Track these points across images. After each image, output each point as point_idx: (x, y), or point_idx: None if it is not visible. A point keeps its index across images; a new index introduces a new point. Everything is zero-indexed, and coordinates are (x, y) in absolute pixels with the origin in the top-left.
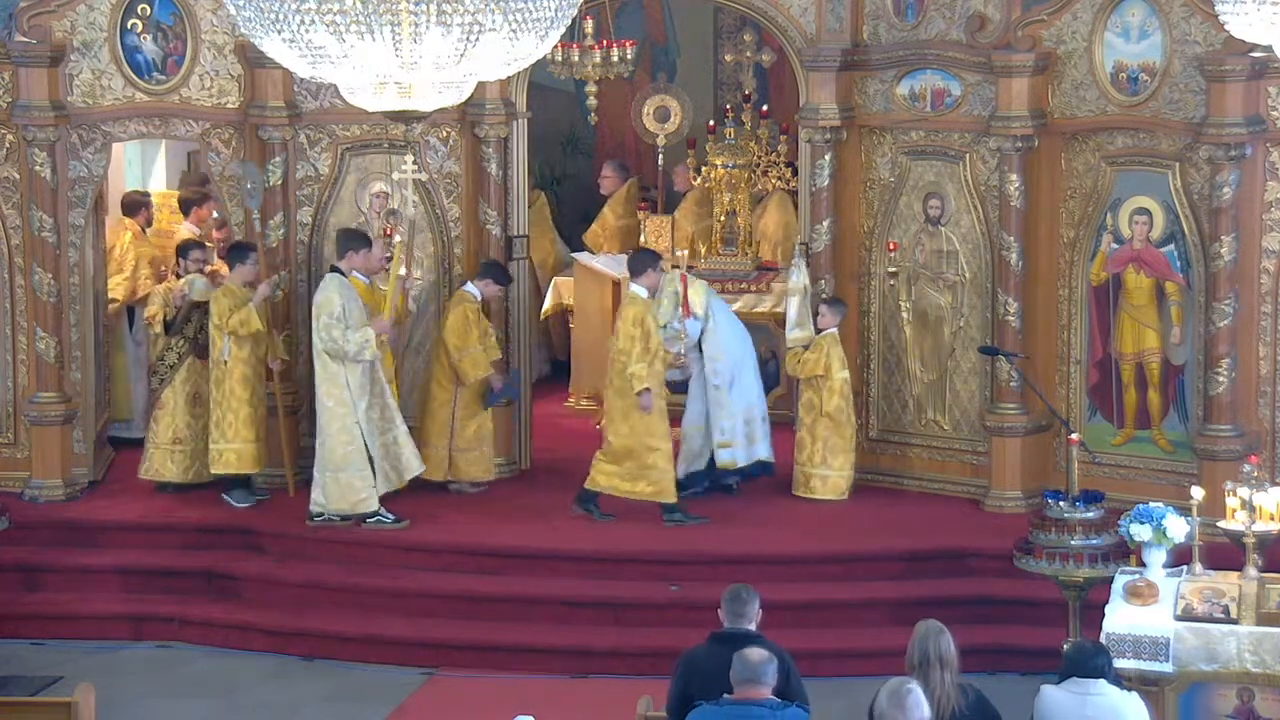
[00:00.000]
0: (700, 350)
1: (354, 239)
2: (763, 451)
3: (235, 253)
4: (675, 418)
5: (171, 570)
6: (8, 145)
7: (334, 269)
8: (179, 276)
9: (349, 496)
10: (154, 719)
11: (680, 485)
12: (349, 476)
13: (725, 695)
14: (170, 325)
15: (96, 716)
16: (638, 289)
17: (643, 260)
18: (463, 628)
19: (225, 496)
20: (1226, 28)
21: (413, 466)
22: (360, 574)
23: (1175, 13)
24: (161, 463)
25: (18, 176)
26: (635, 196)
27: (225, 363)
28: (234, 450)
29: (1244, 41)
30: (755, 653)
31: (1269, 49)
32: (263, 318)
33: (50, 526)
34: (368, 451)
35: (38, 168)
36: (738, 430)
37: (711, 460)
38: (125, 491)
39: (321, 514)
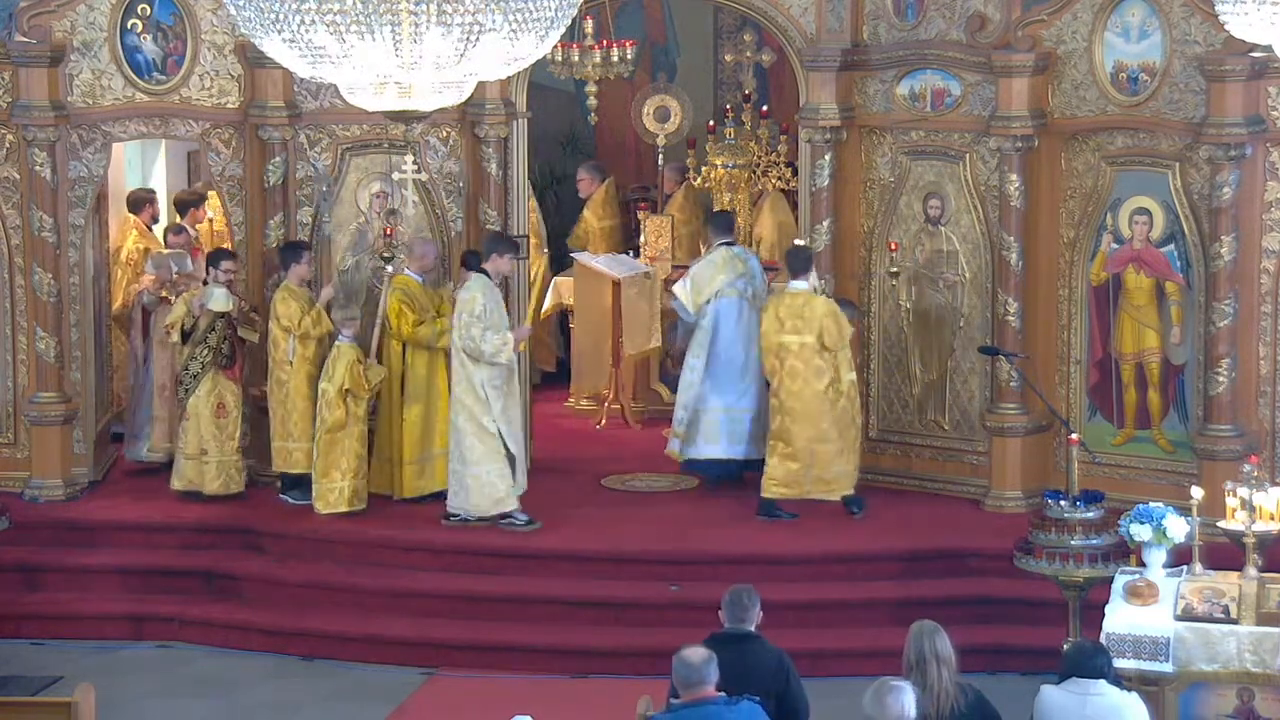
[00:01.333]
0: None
1: (500, 243)
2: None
3: (289, 251)
4: None
5: (171, 570)
6: (8, 145)
7: (480, 270)
8: (206, 284)
9: (490, 494)
10: (154, 719)
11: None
12: (490, 475)
13: (673, 700)
14: (187, 334)
15: (96, 716)
16: (800, 284)
17: (804, 258)
18: (463, 628)
19: (283, 496)
20: (1226, 28)
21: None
22: (360, 574)
23: (1175, 13)
24: (195, 474)
25: (18, 176)
26: (614, 197)
27: (290, 363)
28: (302, 449)
29: (1244, 41)
30: (695, 653)
31: (1269, 49)
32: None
33: (50, 526)
34: (507, 451)
35: (38, 168)
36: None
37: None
38: (125, 491)
39: (458, 514)
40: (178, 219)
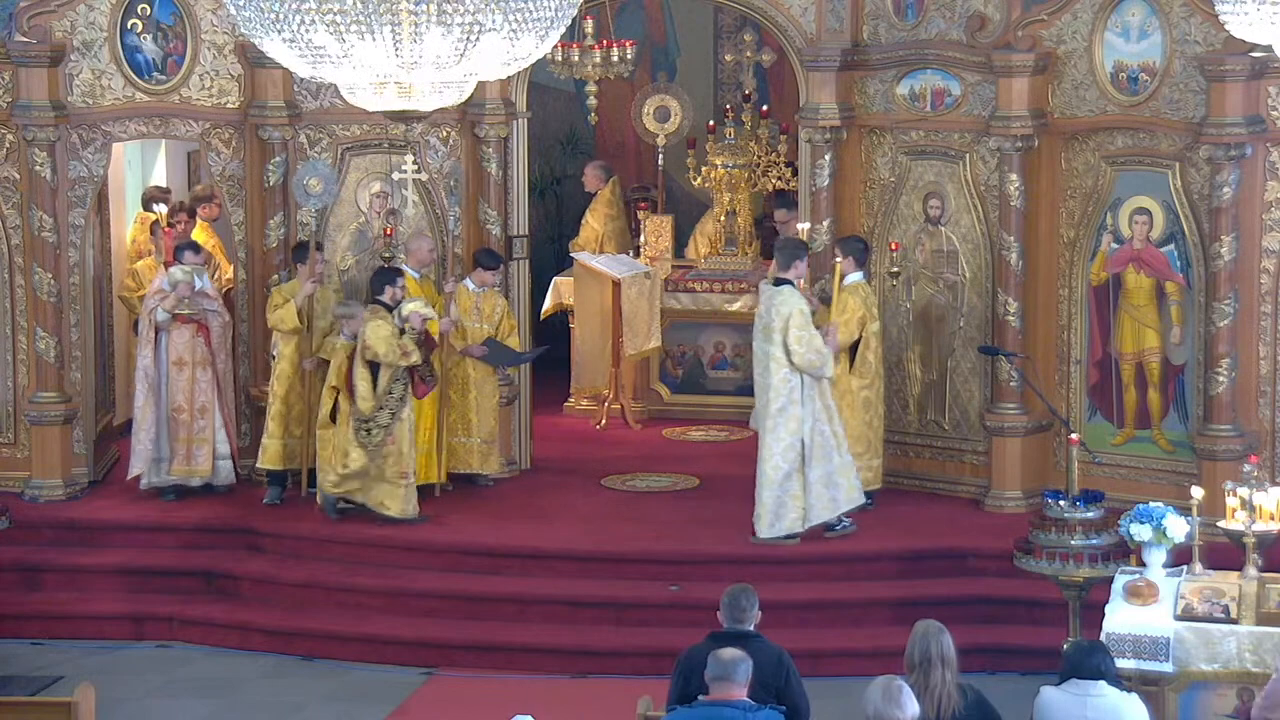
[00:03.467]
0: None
1: (798, 249)
2: None
3: (297, 254)
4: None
5: (171, 570)
6: (8, 145)
7: (779, 281)
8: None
9: (785, 516)
10: (154, 719)
11: None
12: (784, 495)
13: (700, 697)
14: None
15: (96, 716)
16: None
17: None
18: (463, 628)
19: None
20: (1226, 28)
21: (853, 498)
22: (360, 574)
23: (1175, 13)
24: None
25: (18, 176)
26: (620, 197)
27: (273, 358)
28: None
29: (1244, 41)
30: (728, 651)
31: (1269, 49)
32: (301, 316)
33: (50, 526)
34: (804, 473)
35: (38, 168)
36: None
37: None
38: (125, 491)
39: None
40: (155, 218)
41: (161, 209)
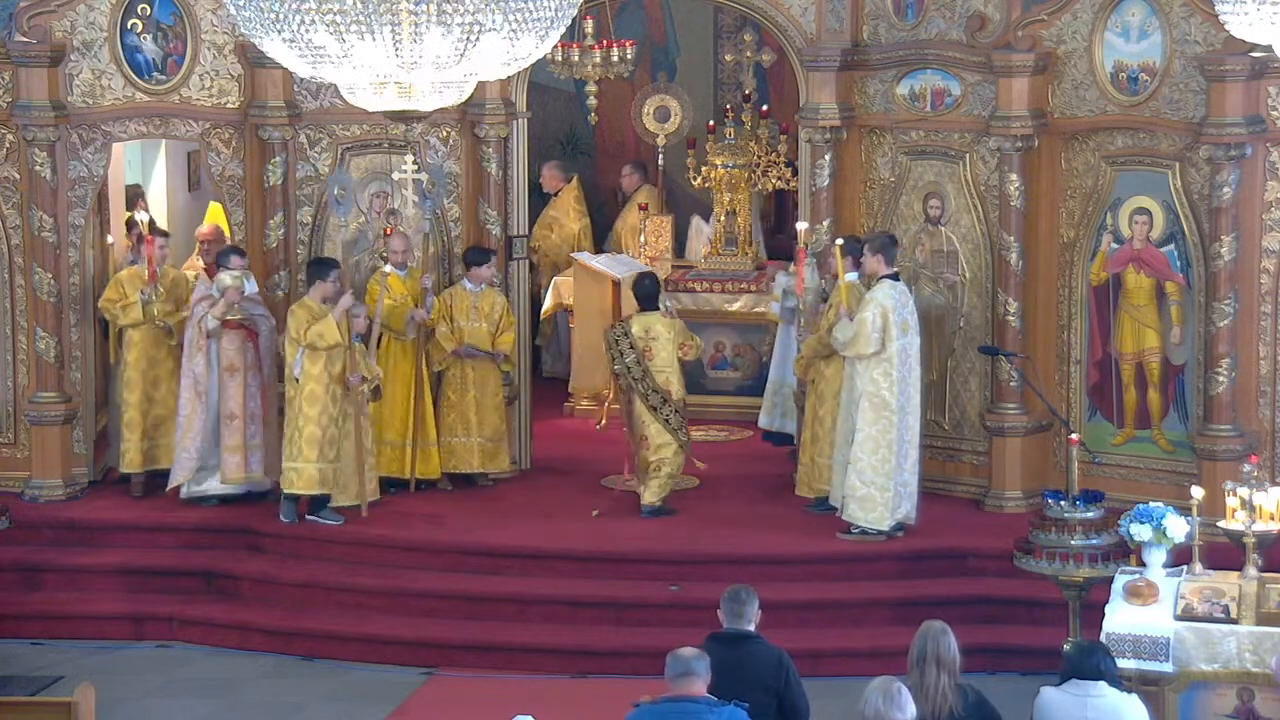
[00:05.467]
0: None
1: (889, 245)
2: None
3: (316, 268)
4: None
5: (171, 570)
6: (8, 145)
7: (893, 276)
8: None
9: (868, 510)
10: (154, 719)
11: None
12: (868, 490)
13: (663, 695)
14: None
15: (96, 716)
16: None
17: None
18: (463, 628)
19: (311, 517)
20: (1226, 28)
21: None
22: (360, 574)
23: (1175, 13)
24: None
25: (18, 176)
26: (583, 196)
27: (297, 379)
28: (295, 469)
29: (1244, 41)
30: (686, 650)
31: (1269, 49)
32: (342, 331)
33: (50, 526)
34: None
35: (38, 168)
36: None
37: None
38: (125, 492)
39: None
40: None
41: (144, 217)
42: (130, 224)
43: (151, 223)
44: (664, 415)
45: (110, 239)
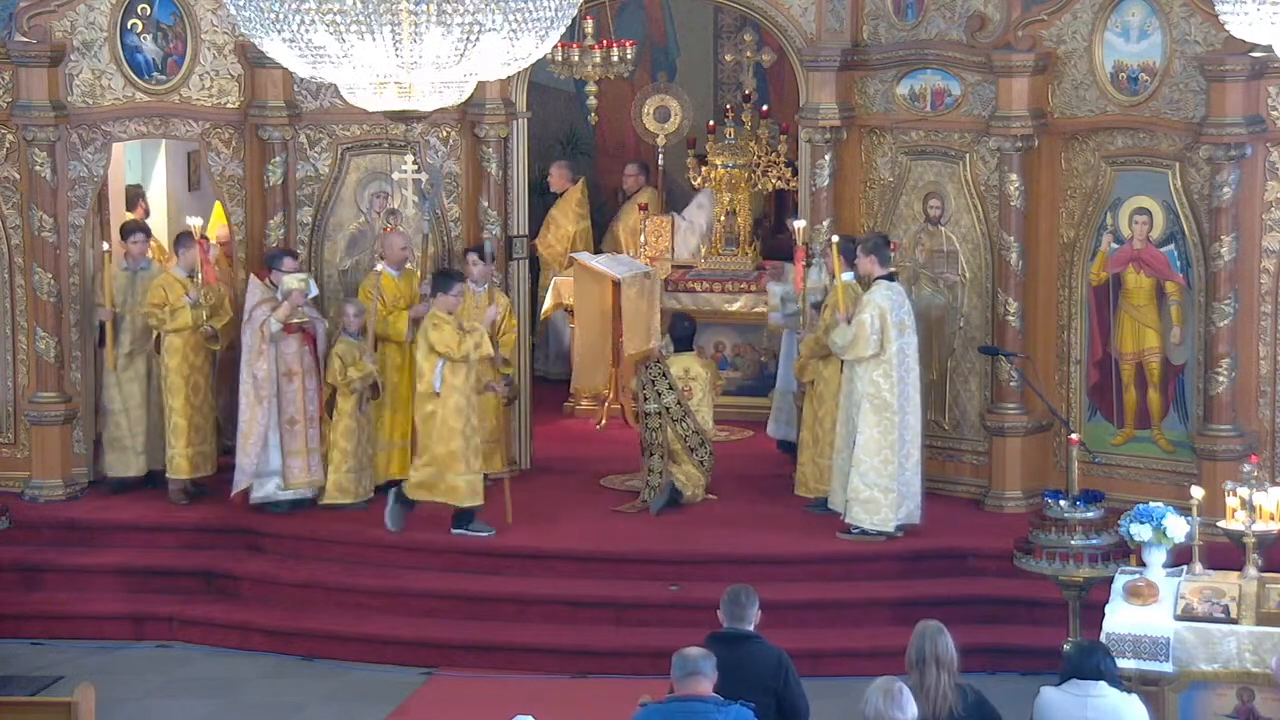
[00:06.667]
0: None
1: (881, 245)
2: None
3: (442, 281)
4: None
5: (171, 570)
6: (8, 145)
7: (888, 276)
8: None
9: (873, 512)
10: (154, 719)
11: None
12: (872, 493)
13: (669, 694)
14: None
15: (96, 716)
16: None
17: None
18: (463, 628)
19: (459, 530)
20: (1226, 28)
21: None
22: (360, 574)
23: (1175, 13)
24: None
25: (18, 176)
26: (587, 197)
27: (437, 393)
28: (449, 483)
29: (1244, 41)
30: (693, 650)
31: (1269, 49)
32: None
33: (50, 526)
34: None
35: (38, 168)
36: None
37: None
38: (124, 491)
39: (857, 529)
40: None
41: (197, 222)
42: (127, 229)
43: (201, 227)
44: (699, 457)
45: (105, 245)
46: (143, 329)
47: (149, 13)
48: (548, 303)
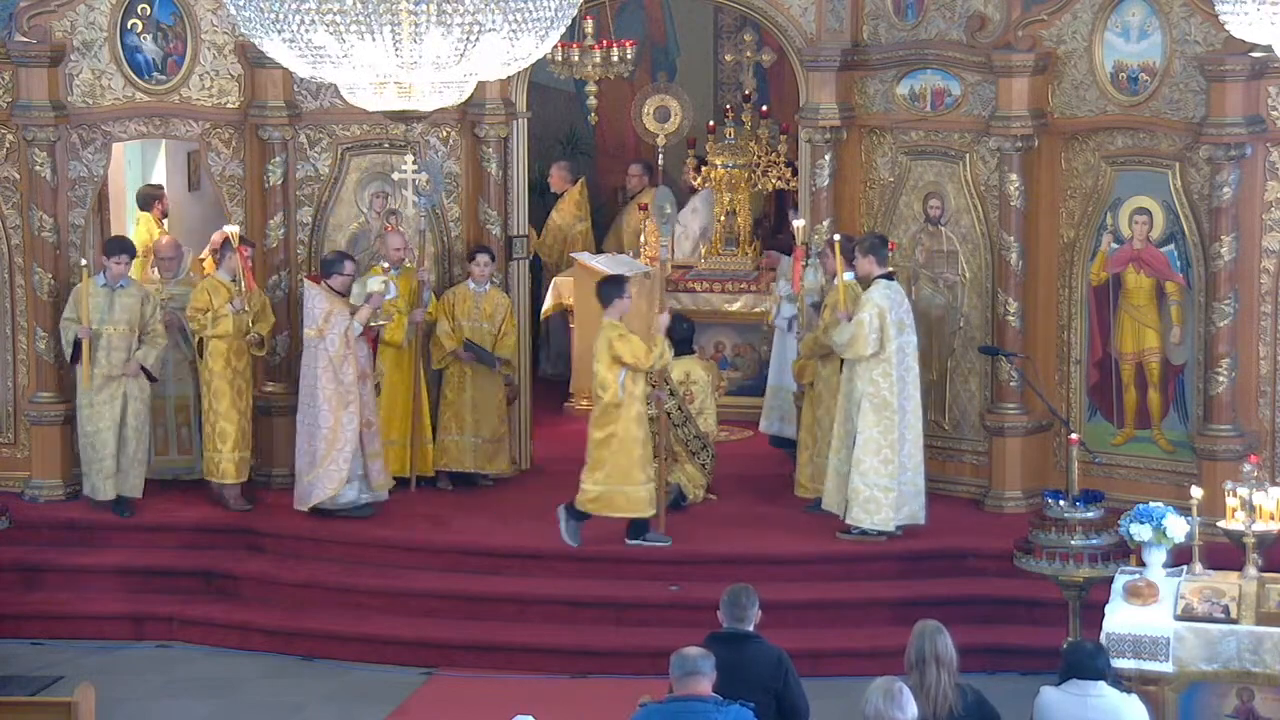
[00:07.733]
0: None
1: (879, 245)
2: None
3: (613, 287)
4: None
5: (171, 570)
6: (8, 145)
7: (887, 276)
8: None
9: (873, 512)
10: (154, 719)
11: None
12: (872, 492)
13: (669, 694)
14: None
15: (96, 716)
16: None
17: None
18: (463, 628)
19: (635, 541)
20: (1226, 28)
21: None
22: (360, 574)
23: (1175, 13)
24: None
25: (18, 176)
26: (587, 198)
27: (620, 403)
28: (626, 494)
29: (1244, 41)
30: (692, 649)
31: (1269, 49)
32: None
33: (50, 526)
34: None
35: (38, 168)
36: None
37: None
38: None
39: (858, 529)
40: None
41: (235, 229)
42: (112, 247)
43: (240, 233)
44: (701, 460)
45: (84, 260)
46: (123, 350)
47: (149, 13)
48: (548, 303)
